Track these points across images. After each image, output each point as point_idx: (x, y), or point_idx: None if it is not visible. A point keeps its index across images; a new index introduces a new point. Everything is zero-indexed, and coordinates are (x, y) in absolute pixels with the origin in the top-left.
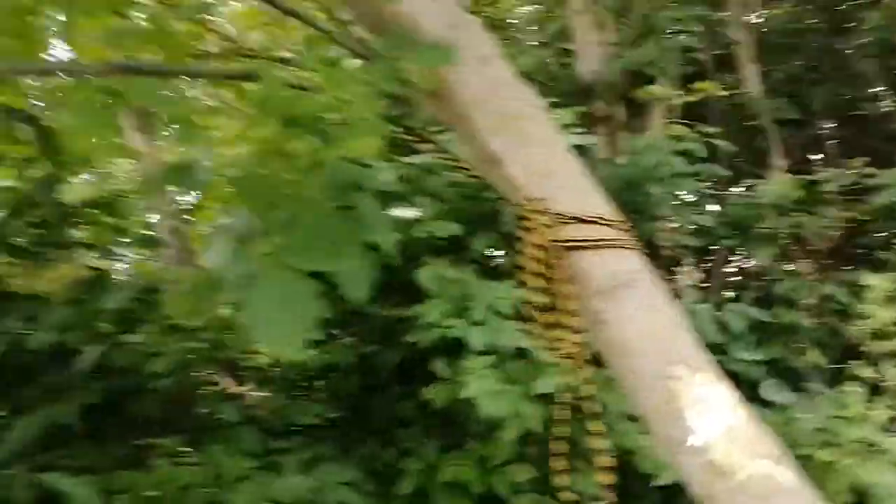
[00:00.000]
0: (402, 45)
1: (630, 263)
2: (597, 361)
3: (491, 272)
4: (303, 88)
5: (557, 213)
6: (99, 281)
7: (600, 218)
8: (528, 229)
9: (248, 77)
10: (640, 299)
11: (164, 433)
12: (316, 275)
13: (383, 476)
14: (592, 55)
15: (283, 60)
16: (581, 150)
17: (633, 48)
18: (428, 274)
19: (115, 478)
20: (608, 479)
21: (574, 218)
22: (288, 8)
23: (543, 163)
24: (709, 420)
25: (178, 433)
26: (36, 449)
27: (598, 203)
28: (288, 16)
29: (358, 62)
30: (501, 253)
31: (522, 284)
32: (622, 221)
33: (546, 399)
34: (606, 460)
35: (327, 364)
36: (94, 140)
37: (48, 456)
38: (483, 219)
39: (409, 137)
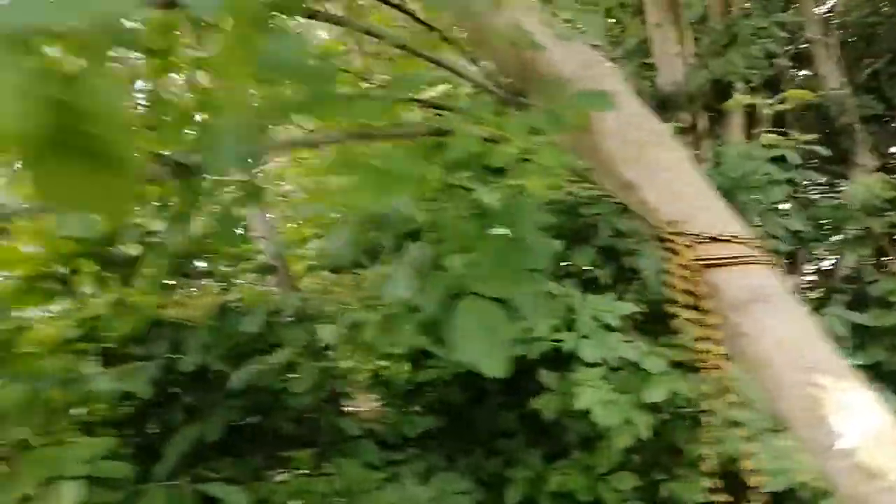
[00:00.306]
0: (555, 92)
1: (763, 278)
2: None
3: (590, 285)
4: (493, 140)
5: (694, 234)
6: (233, 307)
7: (733, 236)
8: (670, 250)
9: (444, 133)
10: (775, 311)
11: (294, 447)
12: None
13: (489, 485)
14: (672, 67)
15: (442, 107)
16: None
17: (715, 58)
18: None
19: (255, 488)
20: (758, 482)
21: (710, 238)
22: (431, 56)
23: (677, 187)
24: (854, 424)
25: (307, 446)
26: (185, 463)
27: (730, 222)
28: (431, 63)
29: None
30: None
31: (672, 302)
32: (753, 238)
33: (654, 408)
34: (752, 464)
35: (434, 377)
36: (370, 198)
37: (195, 468)
38: (580, 234)
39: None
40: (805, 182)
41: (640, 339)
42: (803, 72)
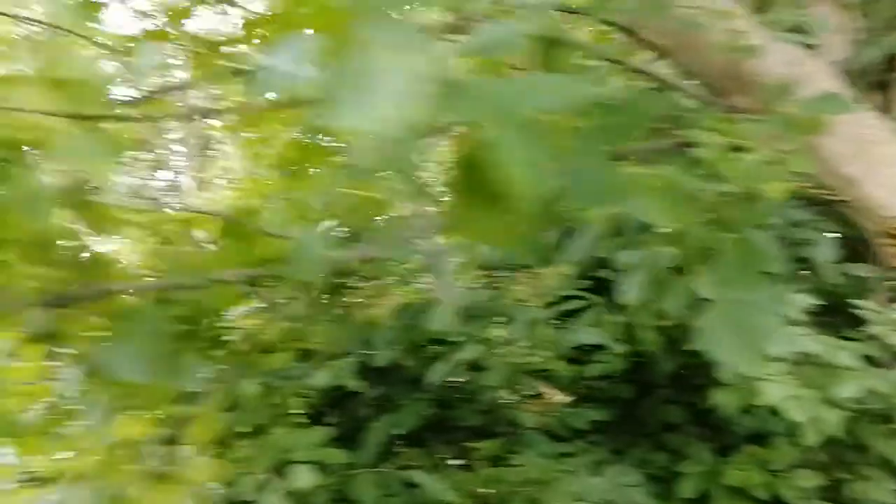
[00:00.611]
0: (774, 95)
1: None
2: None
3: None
4: (738, 149)
5: None
6: (418, 305)
7: None
8: None
9: (689, 145)
10: None
11: (473, 438)
12: None
13: (658, 479)
14: (836, 44)
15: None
16: None
17: (889, 31)
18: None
19: (448, 476)
20: None
21: None
22: (635, 65)
23: None
24: None
25: (484, 437)
26: (378, 452)
27: None
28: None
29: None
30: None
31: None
32: None
33: (840, 403)
34: None
35: (601, 372)
36: (666, 218)
37: (387, 457)
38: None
39: None
40: None
41: (819, 333)
42: None
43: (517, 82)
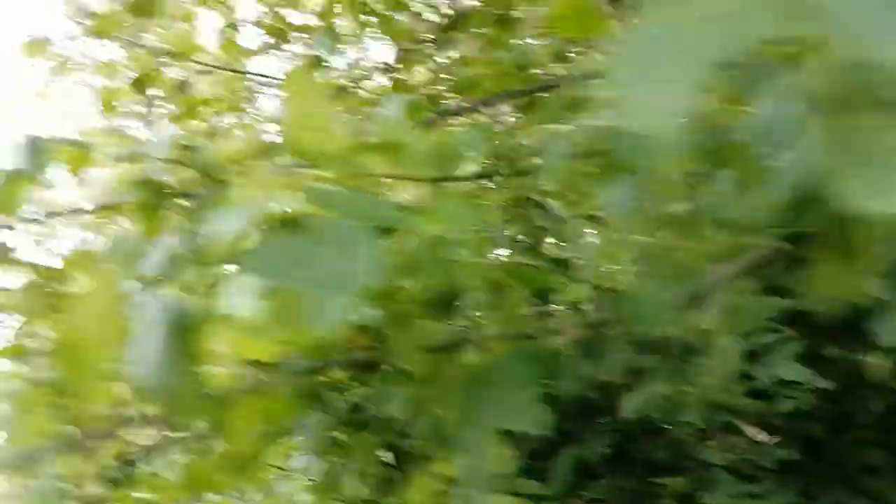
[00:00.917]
0: None
1: None
2: None
3: None
4: None
5: None
6: (598, 335)
7: None
8: None
9: None
10: None
11: (660, 473)
12: None
13: None
14: None
15: None
16: None
17: None
18: None
19: None
20: None
21: None
22: None
23: None
24: None
25: (671, 473)
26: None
27: None
28: None
29: None
30: None
31: None
32: None
33: None
34: None
35: (791, 408)
36: None
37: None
38: None
39: None
40: None
41: None
42: None
43: None
